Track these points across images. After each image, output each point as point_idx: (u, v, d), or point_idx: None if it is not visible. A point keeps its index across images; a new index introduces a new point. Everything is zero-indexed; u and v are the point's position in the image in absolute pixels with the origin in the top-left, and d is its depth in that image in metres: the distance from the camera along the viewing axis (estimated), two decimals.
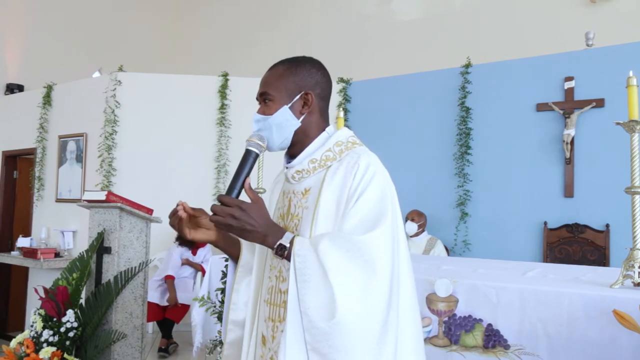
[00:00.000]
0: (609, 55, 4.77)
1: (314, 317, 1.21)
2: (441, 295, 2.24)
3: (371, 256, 1.23)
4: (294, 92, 1.39)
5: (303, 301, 1.23)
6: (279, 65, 1.43)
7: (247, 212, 1.24)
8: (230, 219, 1.24)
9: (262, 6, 9.08)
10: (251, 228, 1.25)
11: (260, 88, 1.42)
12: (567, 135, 4.78)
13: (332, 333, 1.19)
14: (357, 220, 1.28)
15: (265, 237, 1.28)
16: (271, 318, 1.38)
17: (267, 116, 1.38)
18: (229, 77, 5.98)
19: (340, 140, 1.41)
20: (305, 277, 1.24)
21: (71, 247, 5.85)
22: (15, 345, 3.28)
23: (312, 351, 1.22)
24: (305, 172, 1.40)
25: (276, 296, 1.38)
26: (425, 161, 5.50)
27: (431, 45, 7.11)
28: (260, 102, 1.42)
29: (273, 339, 1.36)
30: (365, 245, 1.24)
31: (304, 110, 1.40)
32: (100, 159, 5.74)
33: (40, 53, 7.51)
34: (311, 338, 1.22)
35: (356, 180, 1.31)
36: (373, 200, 1.29)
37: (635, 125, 2.12)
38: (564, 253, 4.81)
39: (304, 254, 1.25)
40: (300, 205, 1.40)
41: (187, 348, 5.15)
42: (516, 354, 2.07)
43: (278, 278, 1.38)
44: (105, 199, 3.64)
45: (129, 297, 3.66)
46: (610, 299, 1.90)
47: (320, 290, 1.22)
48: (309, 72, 1.41)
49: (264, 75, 1.44)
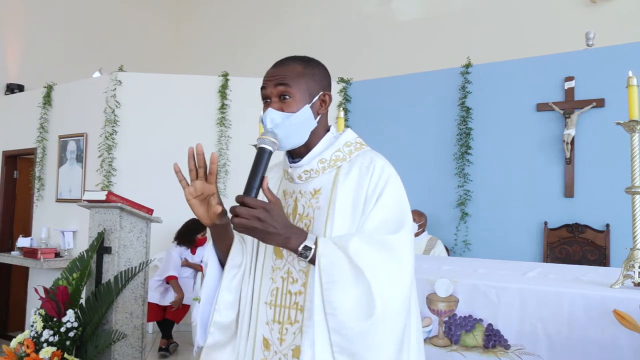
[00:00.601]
0: (609, 55, 4.77)
1: (346, 318, 1.20)
2: (441, 295, 2.24)
3: (400, 256, 1.26)
4: (315, 92, 1.37)
5: (330, 302, 1.22)
6: (294, 63, 1.37)
7: (271, 213, 1.21)
8: (255, 221, 1.19)
9: (262, 6, 9.08)
10: (274, 231, 1.21)
11: (275, 84, 1.35)
12: (568, 135, 4.78)
13: (369, 332, 1.20)
14: (378, 221, 1.29)
15: (288, 240, 1.24)
16: (277, 320, 1.33)
17: (288, 114, 1.33)
18: (229, 77, 5.98)
19: (349, 141, 1.41)
20: (333, 277, 1.22)
21: (71, 247, 5.85)
22: (16, 345, 3.29)
23: (341, 352, 1.21)
24: (314, 172, 1.37)
25: (284, 298, 1.34)
26: (426, 161, 5.50)
27: (431, 45, 7.11)
28: (273, 98, 1.35)
29: (281, 342, 1.32)
30: (395, 246, 1.26)
31: (321, 111, 1.39)
32: (100, 159, 5.74)
33: (40, 53, 7.52)
34: (341, 339, 1.21)
35: (373, 181, 1.32)
36: (392, 201, 1.31)
37: (635, 125, 2.12)
38: (564, 253, 4.81)
39: (330, 254, 1.24)
40: (310, 206, 1.36)
41: (187, 348, 5.15)
42: (516, 354, 2.07)
43: (286, 280, 1.34)
44: (105, 199, 3.64)
45: (129, 297, 3.66)
46: (611, 299, 1.90)
47: (352, 290, 1.21)
48: (324, 72, 1.42)
49: (274, 70, 1.38)
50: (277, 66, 1.38)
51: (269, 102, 1.36)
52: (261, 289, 1.38)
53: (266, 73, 1.39)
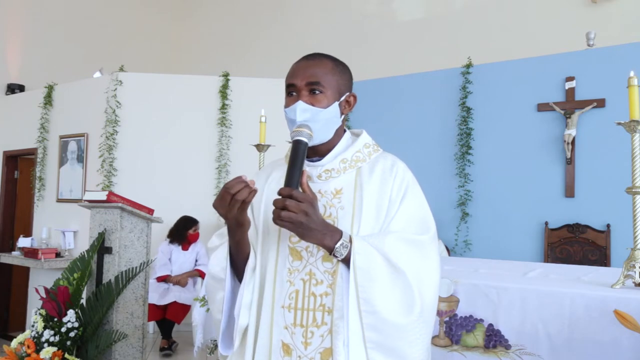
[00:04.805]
0: (609, 56, 4.77)
1: (386, 315, 1.22)
2: (442, 296, 2.24)
3: (431, 254, 1.31)
4: (344, 91, 1.38)
5: (368, 300, 1.22)
6: (324, 59, 1.36)
7: (316, 209, 1.20)
8: (303, 216, 1.16)
9: (262, 6, 9.08)
10: (315, 227, 1.20)
11: (305, 76, 1.32)
12: (568, 135, 4.78)
13: (409, 327, 1.23)
14: (404, 222, 1.31)
15: (324, 237, 1.23)
16: (300, 324, 1.29)
17: (318, 108, 1.31)
18: (230, 77, 5.97)
19: (368, 143, 1.43)
20: (371, 275, 1.23)
21: (72, 247, 5.85)
22: (17, 345, 3.29)
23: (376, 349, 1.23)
24: (335, 172, 1.36)
25: (307, 301, 1.29)
26: (426, 161, 5.50)
27: (432, 45, 7.10)
28: (303, 91, 1.32)
29: (307, 346, 1.28)
30: (426, 244, 1.30)
31: (345, 111, 1.39)
32: (101, 159, 5.74)
33: (41, 53, 7.52)
34: (378, 335, 1.23)
35: (397, 183, 1.34)
36: (417, 203, 1.35)
37: (636, 126, 2.12)
38: (565, 253, 4.81)
39: (366, 253, 1.24)
40: (332, 205, 1.34)
41: (188, 348, 5.15)
42: (517, 354, 2.07)
43: (307, 282, 1.30)
44: (106, 199, 3.64)
45: (130, 297, 3.66)
46: (612, 299, 1.90)
47: (391, 287, 1.24)
48: (350, 74, 1.43)
49: (305, 62, 1.35)
50: (307, 60, 1.36)
51: (295, 95, 1.33)
52: (275, 293, 1.33)
53: (294, 66, 1.37)
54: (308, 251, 1.32)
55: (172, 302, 5.19)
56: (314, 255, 1.31)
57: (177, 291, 5.26)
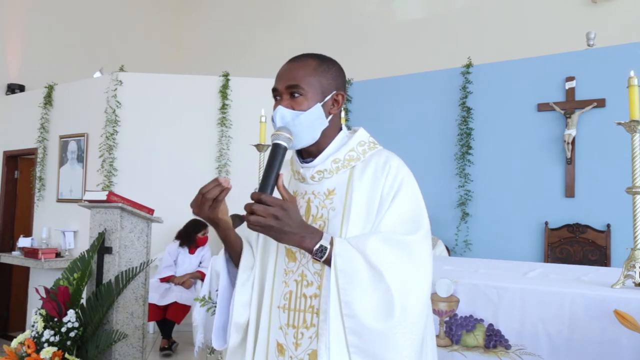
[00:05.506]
0: (610, 55, 4.77)
1: (364, 319, 1.19)
2: (442, 295, 2.24)
3: (418, 256, 1.25)
4: (327, 91, 1.33)
5: (348, 303, 1.20)
6: (308, 59, 1.34)
7: (288, 212, 1.17)
8: (272, 219, 1.16)
9: (262, 6, 9.08)
10: (289, 230, 1.18)
11: (285, 80, 1.31)
12: (568, 135, 4.78)
13: (389, 333, 1.18)
14: (394, 221, 1.27)
15: (303, 239, 1.21)
16: (292, 325, 1.30)
17: (298, 112, 1.29)
18: (230, 77, 5.97)
19: (363, 140, 1.39)
20: (350, 278, 1.20)
21: (72, 247, 5.85)
22: (17, 345, 3.29)
23: (358, 353, 1.20)
24: (328, 172, 1.34)
25: (299, 302, 1.30)
26: (426, 161, 5.50)
27: (432, 45, 7.11)
28: (284, 95, 1.31)
29: (297, 347, 1.28)
30: (414, 245, 1.25)
31: (333, 111, 1.35)
32: (101, 159, 5.74)
33: (41, 53, 7.52)
34: (359, 340, 1.20)
35: (389, 181, 1.30)
36: (408, 201, 1.30)
37: (636, 126, 2.12)
38: (565, 253, 4.81)
39: (347, 255, 1.22)
40: (324, 206, 1.33)
41: (188, 348, 5.15)
42: (517, 354, 2.07)
43: (300, 283, 1.31)
44: (106, 199, 3.64)
45: (130, 297, 3.66)
46: (612, 299, 1.90)
47: (370, 291, 1.20)
48: (339, 71, 1.38)
49: (286, 66, 1.34)
50: (291, 62, 1.35)
51: (280, 99, 1.33)
52: (273, 293, 1.34)
53: (280, 70, 1.35)
54: (301, 252, 1.31)
55: (173, 302, 5.19)
56: (306, 257, 1.30)
57: (178, 291, 5.26)
